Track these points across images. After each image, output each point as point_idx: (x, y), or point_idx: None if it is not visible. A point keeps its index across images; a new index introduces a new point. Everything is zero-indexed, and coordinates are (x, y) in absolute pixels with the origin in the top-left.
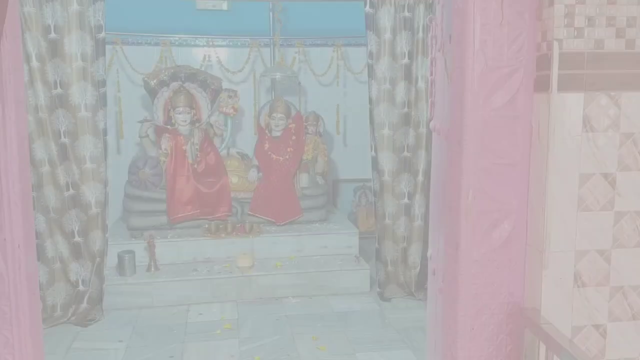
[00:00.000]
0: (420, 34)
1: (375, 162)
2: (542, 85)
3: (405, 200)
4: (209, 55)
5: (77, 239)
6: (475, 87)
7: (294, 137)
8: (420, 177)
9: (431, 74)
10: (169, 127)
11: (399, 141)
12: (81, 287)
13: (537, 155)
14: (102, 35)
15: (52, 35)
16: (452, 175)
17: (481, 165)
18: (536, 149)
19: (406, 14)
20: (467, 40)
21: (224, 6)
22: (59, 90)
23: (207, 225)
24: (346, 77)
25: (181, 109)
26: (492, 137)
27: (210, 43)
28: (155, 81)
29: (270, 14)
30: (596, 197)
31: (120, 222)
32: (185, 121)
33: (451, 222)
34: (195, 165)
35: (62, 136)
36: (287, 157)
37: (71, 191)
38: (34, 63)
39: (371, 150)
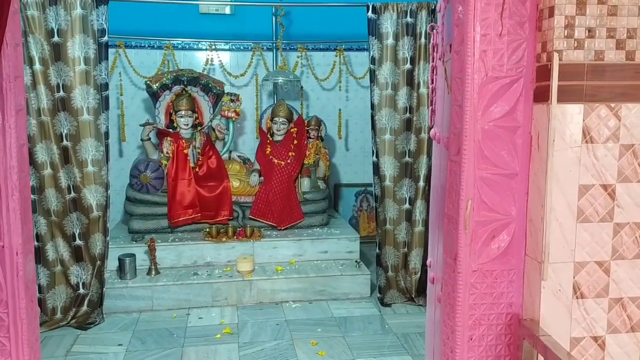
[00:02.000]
0: (423, 39)
1: (376, 167)
2: (541, 96)
3: (407, 205)
4: (212, 59)
5: (78, 242)
6: (475, 97)
7: (295, 142)
8: (421, 183)
9: (432, 82)
10: (170, 130)
11: (400, 146)
12: (81, 290)
13: (536, 166)
14: (105, 39)
15: (56, 38)
16: (451, 185)
17: (480, 175)
18: (535, 160)
19: (408, 19)
20: (467, 50)
21: (227, 10)
22: (61, 93)
23: (207, 229)
24: (348, 81)
25: (183, 112)
26: (492, 147)
27: (213, 47)
28: (157, 85)
29: (273, 18)
30: (596, 208)
31: (121, 225)
32: (187, 125)
33: (450, 232)
34: (197, 169)
35: (64, 139)
36: (289, 161)
37: (72, 194)
38: (37, 66)
39: (373, 156)
